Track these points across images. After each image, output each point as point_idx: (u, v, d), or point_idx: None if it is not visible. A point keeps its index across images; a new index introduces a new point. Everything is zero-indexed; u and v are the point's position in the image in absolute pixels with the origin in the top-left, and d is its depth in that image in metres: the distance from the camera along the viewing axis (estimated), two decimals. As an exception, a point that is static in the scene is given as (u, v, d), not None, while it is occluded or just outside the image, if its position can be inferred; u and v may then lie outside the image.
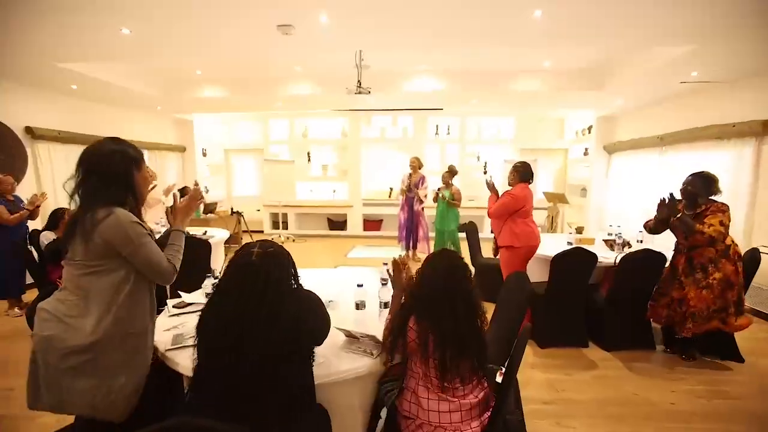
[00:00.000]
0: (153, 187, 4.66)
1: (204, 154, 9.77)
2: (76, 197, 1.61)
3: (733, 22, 3.32)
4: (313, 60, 5.22)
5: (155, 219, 5.75)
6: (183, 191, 6.81)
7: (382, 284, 2.32)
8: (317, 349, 1.54)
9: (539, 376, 3.20)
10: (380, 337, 1.84)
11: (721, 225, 3.06)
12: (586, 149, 8.52)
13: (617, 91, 6.00)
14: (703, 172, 3.22)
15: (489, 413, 1.66)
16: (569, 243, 4.28)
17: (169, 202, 5.58)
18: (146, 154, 8.19)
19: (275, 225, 9.57)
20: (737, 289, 3.15)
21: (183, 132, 9.30)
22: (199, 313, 1.46)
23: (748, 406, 2.85)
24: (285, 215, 9.49)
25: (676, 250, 3.38)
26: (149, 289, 1.71)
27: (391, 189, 9.35)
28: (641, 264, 3.47)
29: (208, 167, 9.88)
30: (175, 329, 2.09)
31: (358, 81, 4.88)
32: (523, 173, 3.85)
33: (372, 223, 9.66)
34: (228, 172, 10.51)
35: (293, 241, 8.92)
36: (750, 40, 3.67)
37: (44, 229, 4.13)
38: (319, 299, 1.60)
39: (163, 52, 4.45)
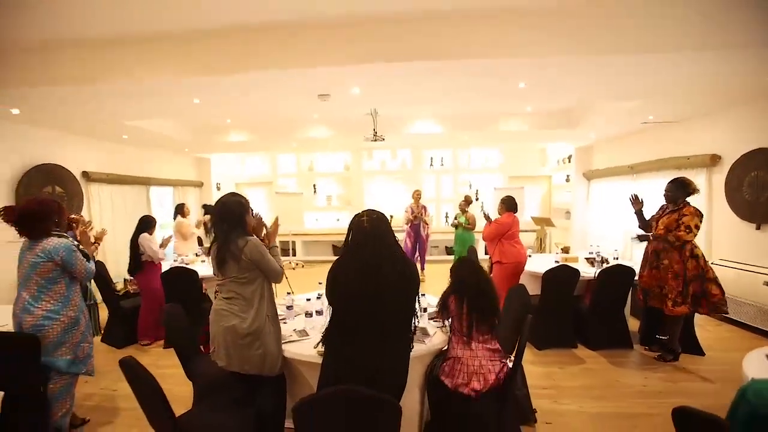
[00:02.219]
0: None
1: (218, 188, 10.56)
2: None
3: (674, 81, 4.18)
4: (330, 109, 6.05)
5: (194, 249, 6.51)
6: (206, 209, 7.63)
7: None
8: None
9: (538, 370, 3.91)
10: (429, 329, 2.68)
11: (696, 228, 3.71)
12: (568, 176, 9.45)
13: (590, 128, 6.95)
14: (678, 178, 3.92)
15: (502, 364, 2.47)
16: (556, 261, 4.95)
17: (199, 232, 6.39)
18: (171, 190, 9.00)
19: (284, 252, 10.29)
20: (682, 281, 3.74)
21: (201, 169, 10.12)
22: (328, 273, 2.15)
23: (711, 388, 3.50)
24: (293, 243, 10.25)
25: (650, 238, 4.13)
26: (272, 288, 2.52)
27: (391, 216, 10.19)
28: (615, 277, 4.25)
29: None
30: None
31: (374, 130, 5.76)
32: (508, 204, 4.84)
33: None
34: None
35: (302, 266, 9.64)
36: (693, 92, 4.58)
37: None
38: None
39: (218, 115, 5.32)
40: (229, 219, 2.40)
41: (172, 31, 3.46)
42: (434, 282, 7.31)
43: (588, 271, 4.62)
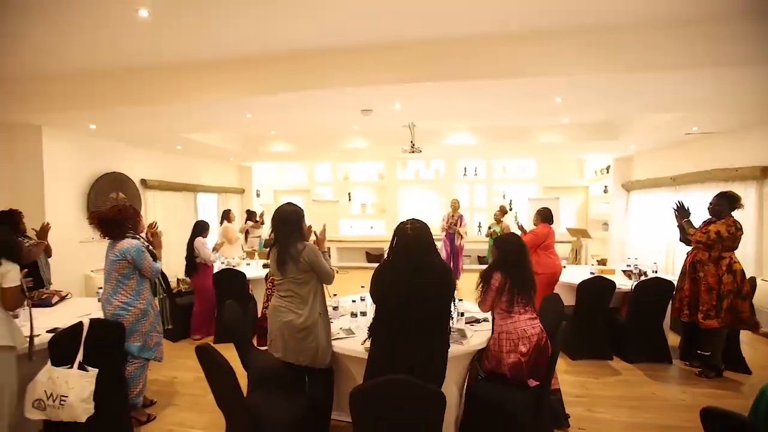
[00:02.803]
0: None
1: (258, 195, 11.06)
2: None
3: (718, 93, 4.07)
4: (370, 122, 6.25)
5: (239, 253, 6.92)
6: (249, 215, 8.06)
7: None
8: None
9: (571, 379, 3.93)
10: (467, 332, 2.87)
11: (717, 234, 3.64)
12: (606, 187, 9.23)
13: (630, 139, 6.83)
14: (725, 191, 3.85)
15: (541, 328, 2.74)
16: (592, 273, 4.84)
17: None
18: (215, 197, 9.53)
19: (321, 258, 10.66)
20: (716, 295, 3.68)
21: (243, 176, 10.65)
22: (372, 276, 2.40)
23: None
24: (329, 249, 10.57)
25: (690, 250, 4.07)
26: (323, 288, 2.77)
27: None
28: (653, 289, 4.23)
29: (260, 206, 11.13)
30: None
31: (411, 142, 5.99)
32: (544, 215, 4.90)
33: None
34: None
35: (337, 272, 9.92)
36: (740, 104, 4.48)
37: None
38: None
39: (264, 126, 5.71)
40: (289, 225, 2.67)
41: (232, 56, 3.83)
42: (468, 291, 7.40)
43: (625, 284, 4.61)
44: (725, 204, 3.79)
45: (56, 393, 2.43)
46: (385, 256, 2.46)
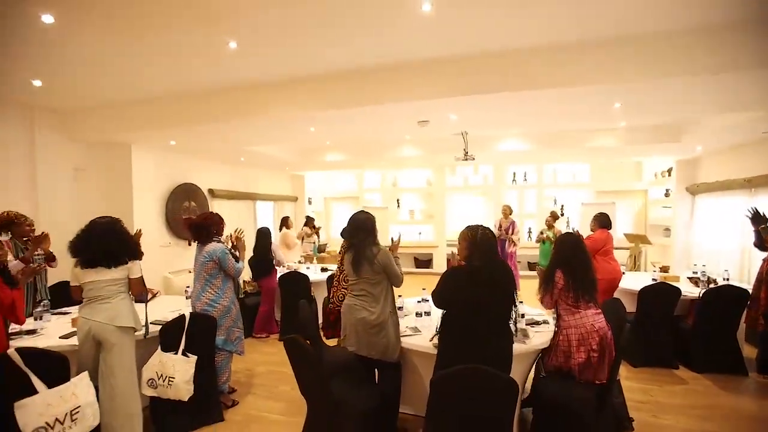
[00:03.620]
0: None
1: (310, 203, 11.49)
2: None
3: None
4: (422, 130, 6.28)
5: (297, 258, 7.29)
6: (307, 222, 8.43)
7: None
8: None
9: (634, 385, 3.86)
10: (529, 332, 2.98)
11: None
12: (667, 190, 8.63)
13: (695, 141, 6.45)
14: None
15: (607, 322, 2.82)
16: (654, 279, 4.79)
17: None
18: (271, 204, 10.02)
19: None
20: None
21: (296, 185, 11.11)
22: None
23: None
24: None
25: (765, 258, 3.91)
26: (393, 289, 2.97)
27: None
28: (724, 298, 4.09)
29: (313, 213, 11.56)
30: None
31: (464, 150, 6.12)
32: (601, 221, 4.86)
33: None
34: (327, 217, 12.15)
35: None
36: None
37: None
38: None
39: (320, 137, 6.04)
40: (364, 230, 2.91)
41: (301, 75, 4.13)
42: (523, 295, 7.39)
43: (691, 291, 4.47)
44: None
45: (165, 374, 2.86)
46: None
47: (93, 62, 3.65)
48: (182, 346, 2.96)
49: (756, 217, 3.95)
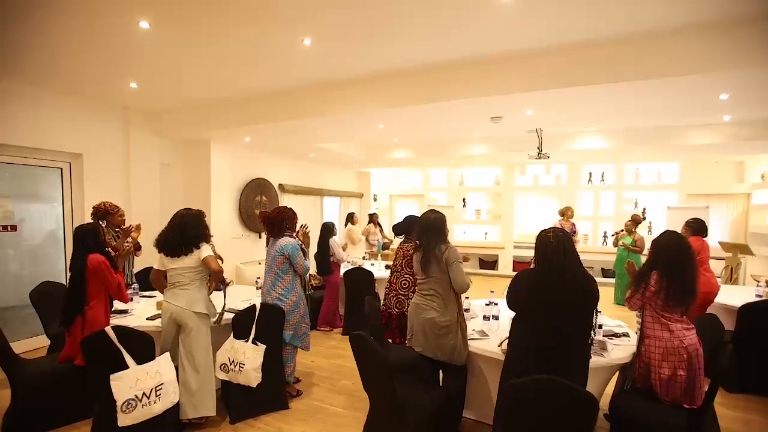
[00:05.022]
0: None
1: (375, 199, 11.59)
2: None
3: None
4: (493, 128, 6.08)
5: (362, 254, 7.40)
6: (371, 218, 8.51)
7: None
8: None
9: (729, 413, 3.44)
10: (608, 345, 2.74)
11: None
12: None
13: None
14: None
15: (699, 338, 2.54)
16: (758, 296, 4.41)
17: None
18: (338, 200, 10.24)
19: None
20: None
21: (362, 181, 11.25)
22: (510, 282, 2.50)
23: None
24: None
25: None
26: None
27: (541, 234, 9.89)
28: None
29: (377, 210, 11.65)
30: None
31: (538, 148, 5.83)
32: (695, 228, 4.37)
33: (522, 264, 10.16)
34: (390, 214, 12.20)
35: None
36: None
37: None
38: None
39: (388, 134, 6.02)
40: (434, 230, 2.87)
41: (373, 72, 4.15)
42: (603, 304, 6.93)
43: None
44: None
45: (236, 360, 3.00)
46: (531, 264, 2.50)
47: (181, 65, 3.92)
48: (252, 335, 3.08)
49: None
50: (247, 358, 2.98)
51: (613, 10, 2.91)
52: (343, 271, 5.57)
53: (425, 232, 2.89)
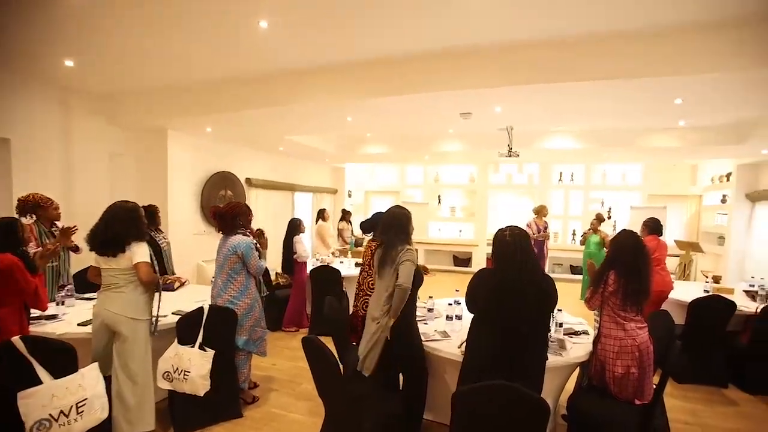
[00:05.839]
0: None
1: (350, 195, 11.45)
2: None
3: None
4: (466, 124, 6.03)
5: (332, 251, 7.27)
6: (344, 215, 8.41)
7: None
8: None
9: (678, 404, 3.62)
10: (567, 344, 2.76)
11: None
12: (724, 196, 8.24)
13: (761, 144, 6.00)
14: None
15: (651, 337, 2.58)
16: (706, 291, 4.58)
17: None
18: (310, 196, 10.07)
19: (406, 259, 10.80)
20: None
21: (336, 177, 11.08)
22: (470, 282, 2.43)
23: None
24: (416, 251, 10.62)
25: None
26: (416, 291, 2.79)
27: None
28: None
29: (351, 206, 11.54)
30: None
31: (509, 146, 5.84)
32: (651, 227, 4.50)
33: (494, 262, 10.36)
34: (365, 211, 12.09)
35: (430, 274, 9.94)
36: None
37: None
38: None
39: (360, 129, 5.92)
40: (396, 227, 2.76)
41: (339, 62, 4.01)
42: (565, 301, 7.07)
43: (747, 306, 4.16)
44: None
45: (181, 368, 2.77)
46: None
47: (126, 44, 3.62)
48: (199, 340, 2.87)
49: None
50: (193, 365, 2.76)
51: (574, 10, 2.91)
52: (310, 269, 5.45)
53: (387, 229, 2.78)
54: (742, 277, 6.76)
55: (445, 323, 3.28)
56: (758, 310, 3.93)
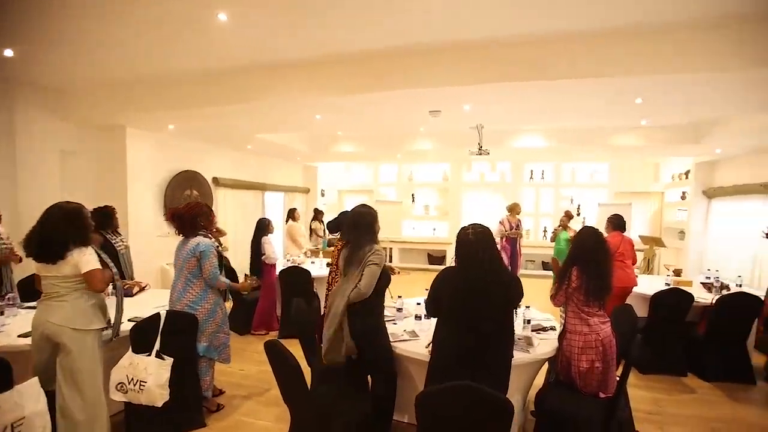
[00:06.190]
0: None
1: (323, 195, 11.31)
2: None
3: None
4: (437, 123, 6.04)
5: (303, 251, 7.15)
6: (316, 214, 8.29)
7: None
8: None
9: (641, 394, 3.74)
10: (534, 340, 2.79)
11: None
12: (684, 193, 8.59)
13: (716, 143, 6.30)
14: None
15: (612, 338, 2.63)
16: (667, 284, 4.74)
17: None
18: (282, 195, 9.88)
19: (381, 258, 10.75)
20: None
21: (308, 176, 10.92)
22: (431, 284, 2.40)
23: None
24: (390, 250, 10.63)
25: None
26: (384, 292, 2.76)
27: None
28: (736, 305, 3.98)
29: (324, 206, 11.41)
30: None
31: (479, 144, 5.87)
32: (615, 224, 4.65)
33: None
34: (339, 210, 11.96)
35: (398, 273, 9.92)
36: None
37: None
38: None
39: (331, 127, 5.84)
40: (361, 226, 2.69)
41: (304, 58, 3.91)
42: (535, 297, 7.19)
43: (704, 297, 4.34)
44: None
45: (136, 378, 2.58)
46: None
47: (73, 33, 3.37)
48: (156, 347, 2.71)
49: None
50: (149, 375, 2.59)
51: (541, 10, 2.94)
52: (280, 270, 5.34)
53: (353, 228, 2.72)
54: (702, 270, 7.02)
55: (414, 323, 3.26)
56: (713, 302, 4.10)
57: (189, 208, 3.23)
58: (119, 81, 4.63)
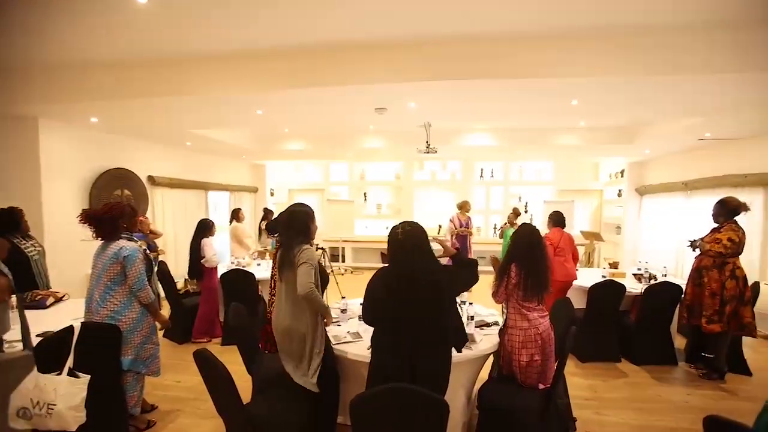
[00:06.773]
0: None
1: (272, 194, 11.01)
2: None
3: (735, 100, 4.09)
4: (386, 121, 6.01)
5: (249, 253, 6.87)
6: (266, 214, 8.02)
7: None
8: None
9: (580, 381, 3.97)
10: (476, 336, 2.80)
11: (729, 240, 3.72)
12: (620, 191, 9.23)
13: (644, 144, 6.81)
14: (723, 199, 3.93)
15: (551, 332, 2.70)
16: (603, 276, 4.99)
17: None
18: (227, 195, 9.49)
19: (334, 258, 10.41)
20: (719, 300, 3.77)
21: (256, 174, 10.60)
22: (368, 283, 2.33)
23: (753, 408, 3.35)
24: (343, 249, 10.49)
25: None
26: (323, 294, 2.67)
27: (440, 226, 10.21)
28: (662, 293, 4.28)
29: (274, 205, 11.09)
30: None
31: (427, 143, 5.88)
32: (555, 220, 4.86)
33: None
34: (288, 210, 11.70)
35: (351, 272, 9.84)
36: (756, 111, 4.43)
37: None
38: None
39: (277, 124, 5.65)
40: (295, 226, 2.58)
41: (239, 50, 3.73)
42: (481, 293, 7.30)
43: (635, 287, 4.60)
44: (721, 210, 3.91)
45: (43, 401, 2.22)
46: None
47: None
48: (68, 365, 2.35)
49: (693, 245, 4.06)
50: (59, 396, 2.23)
51: (484, 8, 2.97)
52: (221, 273, 5.08)
53: (286, 229, 2.60)
54: (635, 262, 7.46)
55: (358, 323, 3.17)
56: (642, 291, 4.39)
57: (107, 209, 2.93)
58: (26, 67, 4.15)
